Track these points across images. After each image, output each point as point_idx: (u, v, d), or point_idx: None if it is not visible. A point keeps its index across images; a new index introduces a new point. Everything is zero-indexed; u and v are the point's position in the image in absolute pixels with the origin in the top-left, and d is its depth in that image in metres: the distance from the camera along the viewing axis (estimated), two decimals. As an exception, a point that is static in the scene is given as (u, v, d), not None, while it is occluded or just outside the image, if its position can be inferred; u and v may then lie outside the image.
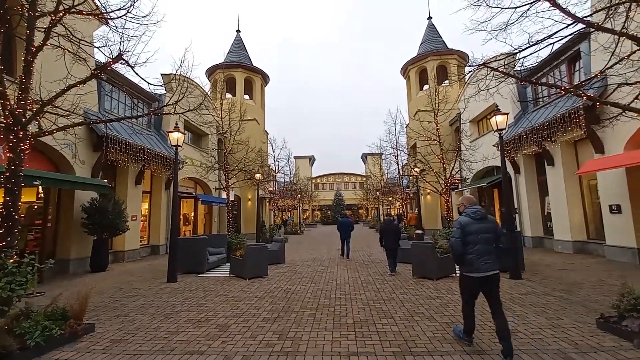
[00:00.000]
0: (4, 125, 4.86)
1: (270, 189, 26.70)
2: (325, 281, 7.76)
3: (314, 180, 52.07)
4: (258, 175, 18.10)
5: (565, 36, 4.87)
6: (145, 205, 14.30)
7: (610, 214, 9.27)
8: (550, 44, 4.89)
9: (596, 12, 4.89)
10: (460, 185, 18.19)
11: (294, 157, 41.79)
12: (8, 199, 4.75)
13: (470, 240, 3.63)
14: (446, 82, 23.38)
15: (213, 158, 16.71)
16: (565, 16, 4.62)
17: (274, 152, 26.81)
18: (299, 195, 34.06)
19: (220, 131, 15.87)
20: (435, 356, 3.59)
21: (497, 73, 5.69)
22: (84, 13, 5.48)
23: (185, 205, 18.02)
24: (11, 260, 4.33)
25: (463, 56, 23.70)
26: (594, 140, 9.61)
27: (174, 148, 8.75)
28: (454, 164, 15.28)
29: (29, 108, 5.08)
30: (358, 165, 57.93)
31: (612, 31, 4.45)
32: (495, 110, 8.25)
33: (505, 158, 8.42)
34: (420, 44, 26.05)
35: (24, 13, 5.15)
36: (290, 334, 4.39)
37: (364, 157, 50.60)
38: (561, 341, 3.84)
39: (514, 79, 6.11)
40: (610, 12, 4.74)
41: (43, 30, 5.15)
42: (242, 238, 11.96)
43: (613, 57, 5.01)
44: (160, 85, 5.99)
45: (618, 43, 4.86)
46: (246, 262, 8.20)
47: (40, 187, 9.21)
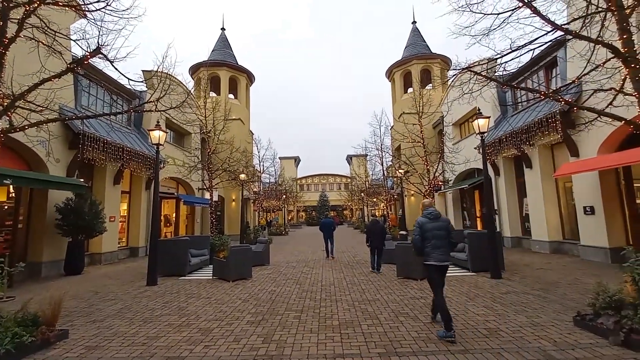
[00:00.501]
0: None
1: (255, 189, 26.41)
2: (311, 282, 7.71)
3: (299, 181, 51.96)
4: (243, 176, 17.85)
5: (545, 42, 5.03)
6: (124, 206, 13.84)
7: (585, 215, 9.65)
8: (531, 50, 5.04)
9: (574, 21, 5.07)
10: (443, 187, 18.53)
11: (279, 158, 41.63)
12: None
13: (427, 236, 4.39)
14: (430, 86, 23.81)
15: (196, 158, 16.35)
16: (545, 23, 4.77)
17: (259, 153, 26.58)
18: (284, 196, 33.87)
19: (204, 130, 15.56)
20: (420, 356, 3.61)
21: (480, 77, 5.81)
22: (60, 4, 5.23)
23: (166, 206, 17.56)
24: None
25: (446, 60, 24.25)
26: (569, 144, 10.00)
27: (155, 147, 8.49)
28: (437, 166, 15.55)
29: (-1, 102, 4.80)
30: (343, 166, 58.21)
31: (589, 39, 4.63)
32: (477, 113, 8.44)
33: (486, 160, 8.63)
34: (405, 48, 26.46)
35: (-5, 3, 4.86)
36: (275, 337, 4.32)
37: (349, 159, 50.91)
38: (541, 339, 3.93)
39: (496, 83, 6.26)
40: (587, 21, 4.93)
41: (16, 21, 4.87)
42: (226, 239, 11.74)
43: (589, 65, 5.21)
44: (141, 82, 5.79)
45: (593, 51, 5.06)
46: (230, 264, 8.05)
47: (11, 187, 8.75)
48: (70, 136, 10.06)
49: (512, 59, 5.36)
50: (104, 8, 5.21)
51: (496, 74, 6.65)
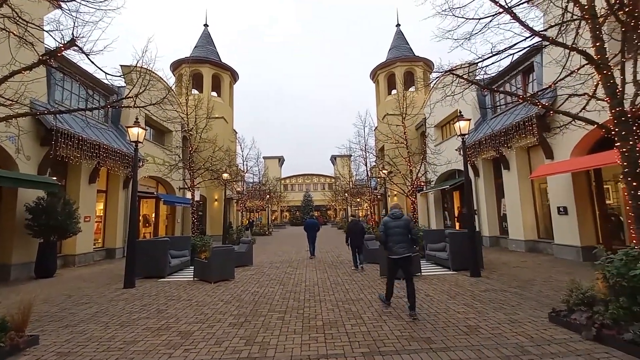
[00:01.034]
0: None
1: (238, 189, 26.06)
2: (294, 283, 7.66)
3: (283, 181, 51.71)
4: (225, 175, 17.57)
5: (524, 48, 5.20)
6: (101, 206, 13.34)
7: (558, 215, 10.06)
8: (511, 54, 5.19)
9: (550, 28, 5.27)
10: (425, 187, 18.87)
11: (263, 158, 41.26)
12: None
13: (389, 233, 5.17)
14: (413, 88, 24.21)
15: (177, 156, 15.95)
16: (524, 29, 4.93)
17: (242, 152, 26.26)
18: (268, 196, 33.59)
19: (186, 128, 15.21)
20: (404, 355, 3.64)
21: (462, 80, 5.94)
22: (32, -7, 4.96)
23: (145, 205, 17.05)
24: None
25: (429, 63, 24.73)
26: (544, 146, 10.39)
27: (134, 144, 8.21)
28: (420, 167, 15.83)
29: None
30: (327, 166, 58.32)
31: (564, 45, 4.81)
32: (458, 116, 8.63)
33: (467, 162, 8.83)
34: (389, 50, 26.81)
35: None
36: (258, 338, 4.26)
37: (333, 159, 51.09)
38: (518, 335, 4.05)
39: (476, 86, 6.41)
40: (563, 28, 5.13)
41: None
42: (208, 240, 11.51)
43: (564, 70, 5.43)
44: (119, 76, 5.57)
45: (568, 57, 5.26)
46: (211, 265, 7.89)
47: (-25, 185, 8.25)
48: (42, 132, 9.58)
49: (493, 63, 5.50)
50: (79, -2, 4.98)
51: (477, 77, 6.82)
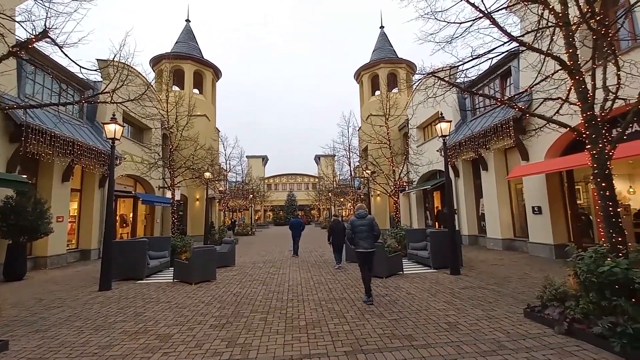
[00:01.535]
0: None
1: (220, 188, 25.63)
2: (277, 283, 7.60)
3: (266, 181, 51.27)
4: (207, 174, 17.24)
5: (502, 52, 5.36)
6: (75, 205, 12.79)
7: (533, 214, 10.46)
8: (490, 59, 5.35)
9: (527, 34, 5.46)
10: (407, 187, 19.18)
11: (247, 157, 40.78)
12: None
13: (356, 230, 5.86)
14: (396, 89, 24.56)
15: (157, 154, 15.50)
16: (502, 34, 5.08)
17: (225, 151, 25.84)
18: (251, 196, 33.22)
19: (166, 126, 14.80)
20: (385, 353, 3.68)
21: (444, 82, 6.07)
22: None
23: (122, 205, 16.49)
24: None
25: (411, 66, 25.15)
26: (520, 148, 10.77)
27: (110, 142, 7.91)
28: (402, 167, 16.06)
29: None
30: (311, 166, 58.30)
31: (540, 51, 5.00)
32: (440, 117, 8.82)
33: (448, 163, 9.04)
34: (373, 51, 27.07)
35: None
36: (240, 340, 4.19)
37: (317, 159, 51.12)
38: (496, 331, 4.18)
39: (457, 88, 6.56)
40: (538, 35, 5.32)
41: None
42: (188, 240, 11.26)
43: (539, 75, 5.64)
44: (95, 70, 5.35)
45: (544, 63, 5.47)
46: (192, 266, 7.71)
47: None
48: (11, 128, 9.09)
49: (473, 67, 5.65)
50: (52, -12, 4.75)
51: (458, 80, 6.99)
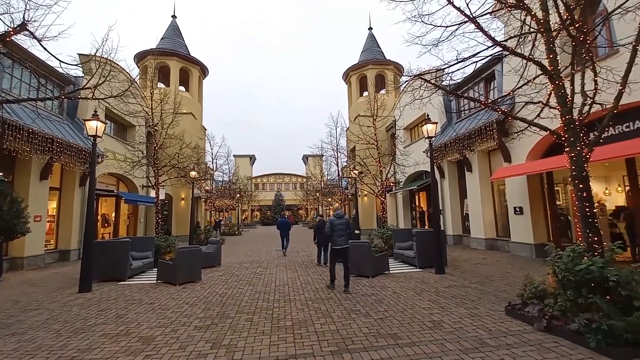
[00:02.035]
0: None
1: (207, 187, 25.26)
2: (264, 283, 7.56)
3: (254, 180, 50.84)
4: (193, 173, 16.96)
5: (486, 56, 5.49)
6: (54, 204, 12.37)
7: (515, 214, 10.75)
8: (474, 62, 5.46)
9: (510, 39, 5.61)
10: (394, 188, 19.38)
11: (234, 156, 40.32)
12: None
13: (335, 229, 6.65)
14: (384, 91, 24.78)
15: (141, 152, 15.15)
16: (487, 39, 5.20)
17: (212, 149, 25.49)
18: (238, 195, 32.89)
19: (150, 123, 14.49)
20: (371, 352, 3.71)
21: (430, 84, 6.16)
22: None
23: (104, 204, 16.05)
24: None
25: (399, 67, 25.44)
26: (503, 150, 11.06)
27: (92, 139, 7.69)
28: (390, 168, 16.22)
29: None
30: (299, 166, 58.17)
31: (522, 56, 5.14)
32: (426, 119, 8.96)
33: (434, 164, 9.19)
34: (362, 52, 27.23)
35: None
36: (225, 341, 4.15)
37: (305, 158, 51.05)
38: (478, 329, 4.28)
39: (443, 91, 6.68)
40: (521, 40, 5.48)
41: None
42: (173, 240, 11.06)
43: (521, 79, 5.80)
44: (76, 65, 5.19)
45: (526, 67, 5.63)
46: (177, 267, 7.58)
47: None
48: (-15, 123, 8.71)
49: (458, 70, 5.75)
50: (30, -22, 4.59)
51: (443, 82, 7.11)
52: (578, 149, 4.52)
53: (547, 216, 10.27)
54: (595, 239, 4.26)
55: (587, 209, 4.36)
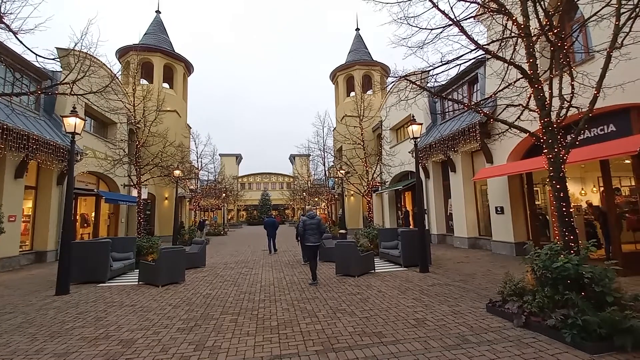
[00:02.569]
0: None
1: (191, 187, 24.83)
2: (249, 283, 7.49)
3: (240, 180, 50.33)
4: (177, 172, 16.64)
5: (470, 59, 5.60)
6: (29, 204, 11.89)
7: (496, 214, 11.03)
8: (458, 65, 5.56)
9: (492, 42, 5.73)
10: (380, 188, 19.56)
11: (220, 155, 39.77)
12: None
13: (307, 228, 7.45)
14: (370, 91, 24.98)
15: (122, 150, 14.74)
16: (470, 42, 5.31)
17: (197, 148, 25.04)
18: (224, 195, 32.46)
19: (132, 120, 14.11)
20: (356, 350, 3.73)
21: (415, 86, 6.25)
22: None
23: (83, 204, 15.54)
24: None
25: (385, 68, 25.69)
26: (485, 151, 11.33)
27: (70, 136, 7.42)
28: (376, 168, 16.36)
29: None
30: (286, 165, 57.95)
31: (504, 59, 5.27)
32: (411, 120, 9.08)
33: (419, 164, 9.32)
34: (349, 53, 27.36)
35: None
36: (209, 343, 4.09)
37: (292, 158, 50.92)
38: (460, 326, 4.37)
39: (428, 92, 6.79)
40: (503, 44, 5.62)
41: None
42: (156, 241, 10.81)
43: (503, 83, 5.96)
44: (54, 59, 5.00)
45: (507, 71, 5.79)
46: (159, 268, 7.41)
47: None
48: (-47, 118, 8.29)
49: (442, 72, 5.84)
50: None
51: (428, 84, 7.22)
52: (556, 150, 4.67)
53: (527, 215, 10.58)
54: (572, 237, 4.42)
55: (564, 209, 4.52)
